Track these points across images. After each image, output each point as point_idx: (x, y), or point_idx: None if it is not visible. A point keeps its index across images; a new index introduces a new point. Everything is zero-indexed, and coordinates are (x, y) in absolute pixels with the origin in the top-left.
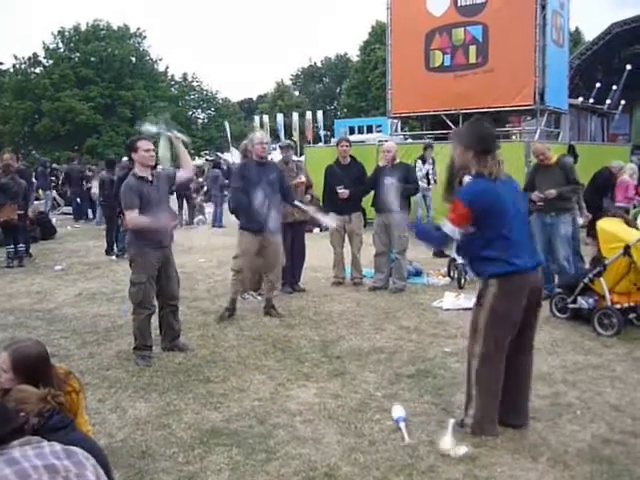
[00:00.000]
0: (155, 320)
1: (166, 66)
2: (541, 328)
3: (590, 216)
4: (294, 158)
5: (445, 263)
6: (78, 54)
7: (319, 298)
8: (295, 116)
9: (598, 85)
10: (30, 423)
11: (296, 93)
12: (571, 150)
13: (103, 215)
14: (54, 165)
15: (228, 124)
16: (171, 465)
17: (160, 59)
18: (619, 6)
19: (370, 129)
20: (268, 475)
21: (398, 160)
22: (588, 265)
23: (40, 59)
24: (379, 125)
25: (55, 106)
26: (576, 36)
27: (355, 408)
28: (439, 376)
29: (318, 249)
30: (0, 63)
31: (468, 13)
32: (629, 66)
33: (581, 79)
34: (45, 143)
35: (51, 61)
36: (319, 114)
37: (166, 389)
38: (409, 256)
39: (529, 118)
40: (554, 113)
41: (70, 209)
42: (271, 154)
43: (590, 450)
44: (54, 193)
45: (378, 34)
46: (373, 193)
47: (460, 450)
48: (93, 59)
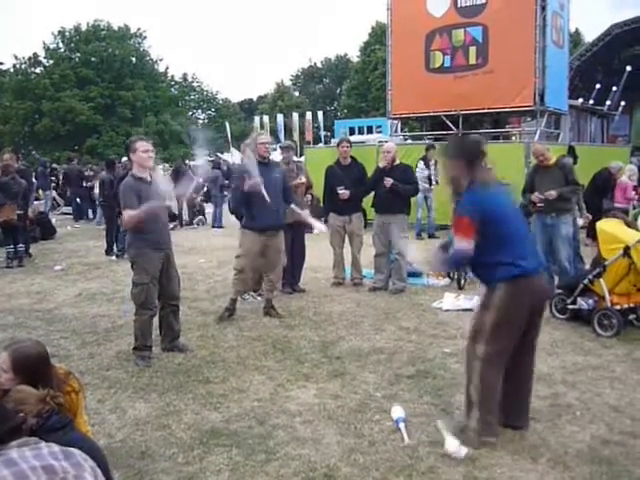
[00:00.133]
0: (155, 320)
1: (166, 66)
2: (541, 329)
3: (590, 217)
4: (294, 159)
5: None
6: (78, 54)
7: (319, 299)
8: (295, 117)
9: (598, 86)
10: (28, 424)
11: (296, 94)
12: (571, 151)
13: (103, 215)
14: (54, 165)
15: (228, 124)
16: (171, 465)
17: (160, 59)
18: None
19: (370, 130)
20: (268, 476)
21: (398, 161)
22: (588, 266)
23: (40, 59)
24: (379, 126)
25: (55, 106)
26: (576, 37)
27: (355, 409)
28: (439, 377)
29: (318, 249)
30: (0, 63)
31: (468, 14)
32: (629, 67)
33: (581, 80)
34: (45, 143)
35: (51, 61)
36: (319, 115)
37: (166, 389)
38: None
39: (529, 119)
40: (554, 114)
41: (70, 209)
42: (271, 155)
43: (590, 451)
44: (54, 193)
45: (378, 35)
46: (373, 194)
47: (461, 451)
48: (93, 59)
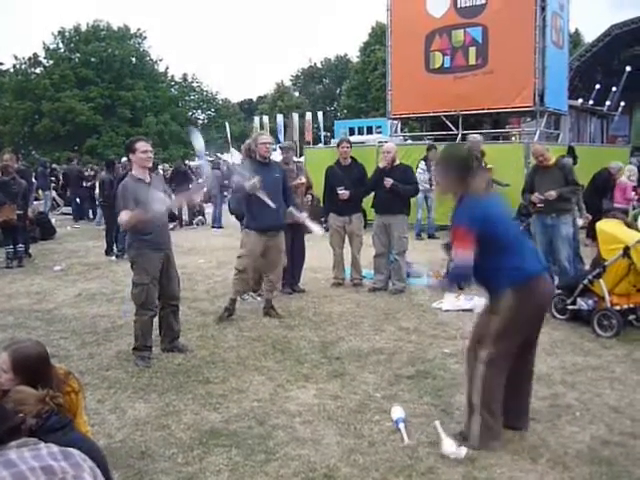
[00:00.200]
0: (155, 321)
1: (166, 67)
2: (541, 329)
3: (590, 217)
4: (294, 159)
5: (445, 264)
6: (78, 54)
7: (319, 299)
8: (295, 117)
9: (598, 86)
10: (28, 424)
11: (296, 94)
12: (571, 151)
13: (103, 215)
14: (54, 165)
15: (228, 125)
16: (170, 466)
17: (160, 60)
18: (618, 8)
19: (370, 130)
20: (267, 476)
21: (398, 161)
22: (588, 267)
23: (40, 59)
24: (379, 126)
25: (55, 106)
26: (576, 38)
27: (354, 409)
28: (438, 377)
29: (318, 250)
30: (0, 63)
31: (468, 15)
32: (629, 67)
33: (581, 80)
34: (45, 143)
35: (51, 61)
36: (319, 115)
37: (165, 390)
38: (409, 257)
39: (529, 119)
40: (554, 114)
41: (70, 209)
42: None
43: (589, 451)
44: (53, 193)
45: (378, 35)
46: (373, 194)
47: (461, 452)
48: (93, 59)
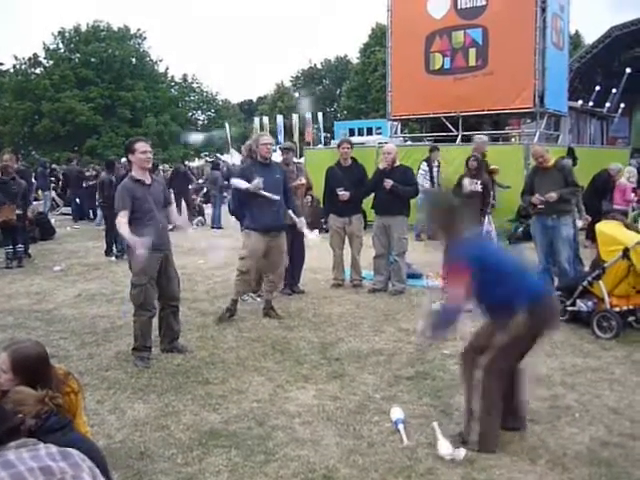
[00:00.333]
0: (154, 321)
1: (166, 67)
2: None
3: (589, 219)
4: (294, 160)
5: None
6: (78, 55)
7: (318, 300)
8: (295, 118)
9: (598, 88)
10: (27, 424)
11: (296, 95)
12: (570, 153)
13: (103, 216)
14: (54, 166)
15: (228, 125)
16: (170, 466)
17: (160, 60)
18: (619, 9)
19: (370, 131)
20: (267, 477)
21: (398, 162)
22: (588, 268)
23: (40, 59)
24: (379, 127)
25: (55, 107)
26: (576, 39)
27: (354, 410)
28: (438, 378)
29: (318, 251)
30: (0, 63)
31: (468, 16)
32: (629, 69)
33: (581, 82)
34: (45, 144)
35: (51, 62)
36: (319, 116)
37: (165, 390)
38: (408, 259)
39: (529, 121)
40: (554, 116)
41: (69, 210)
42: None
43: (589, 453)
44: (53, 194)
45: (378, 36)
46: (373, 195)
47: (460, 453)
48: (93, 60)
